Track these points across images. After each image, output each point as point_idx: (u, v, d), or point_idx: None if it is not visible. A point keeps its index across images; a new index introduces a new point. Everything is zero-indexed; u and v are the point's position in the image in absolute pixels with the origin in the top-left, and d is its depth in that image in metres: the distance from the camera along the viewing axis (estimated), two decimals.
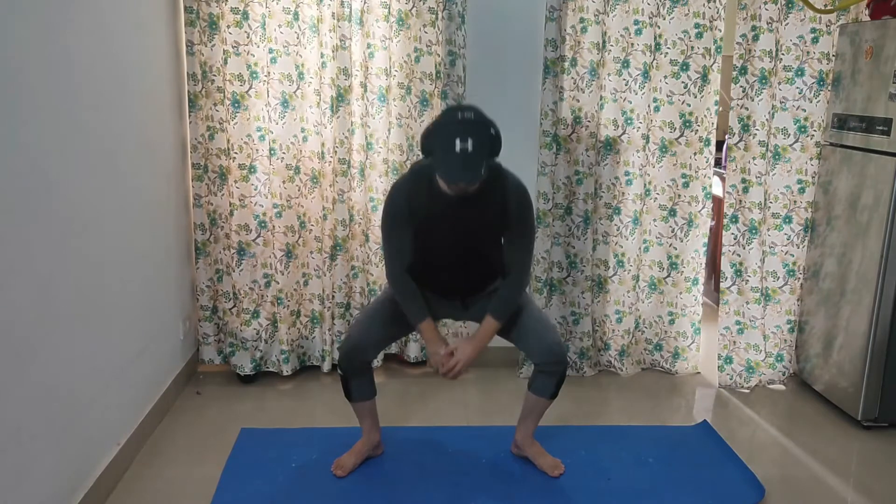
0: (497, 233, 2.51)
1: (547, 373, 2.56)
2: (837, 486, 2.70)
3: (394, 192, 2.46)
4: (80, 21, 2.32)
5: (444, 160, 2.22)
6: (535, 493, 2.57)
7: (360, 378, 2.59)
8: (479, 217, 2.43)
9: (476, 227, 2.46)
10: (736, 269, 3.49)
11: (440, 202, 2.39)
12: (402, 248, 2.47)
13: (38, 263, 2.05)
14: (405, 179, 2.47)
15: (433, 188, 2.39)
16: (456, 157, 2.19)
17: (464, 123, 2.23)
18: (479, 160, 2.22)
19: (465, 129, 2.21)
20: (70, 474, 2.25)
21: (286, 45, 3.18)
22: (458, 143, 2.19)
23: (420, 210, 2.42)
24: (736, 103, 3.38)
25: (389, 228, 2.47)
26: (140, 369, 2.82)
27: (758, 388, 3.54)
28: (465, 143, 2.19)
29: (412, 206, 2.42)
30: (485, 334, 2.53)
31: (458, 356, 2.50)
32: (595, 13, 3.27)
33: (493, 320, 2.52)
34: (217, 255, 3.40)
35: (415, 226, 2.44)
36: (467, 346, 2.52)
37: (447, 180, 2.26)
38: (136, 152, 2.77)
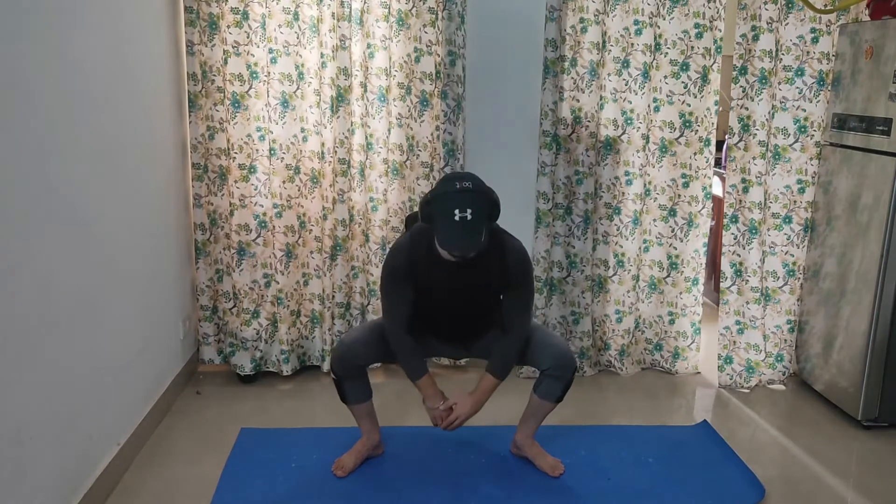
0: (496, 292, 2.53)
1: (554, 377, 2.56)
2: (837, 486, 2.70)
3: (394, 253, 2.47)
4: (81, 21, 2.32)
5: (444, 229, 2.24)
6: (535, 493, 2.57)
7: (353, 381, 2.59)
8: (479, 280, 2.45)
9: (475, 290, 2.48)
10: (736, 269, 3.49)
11: (440, 266, 2.40)
12: (401, 306, 2.48)
13: (38, 263, 2.05)
14: (406, 242, 2.48)
15: (433, 252, 2.40)
16: (455, 225, 2.21)
17: (462, 193, 2.25)
18: (478, 228, 2.23)
19: (464, 199, 2.22)
20: (70, 474, 2.25)
21: (286, 45, 3.18)
22: (458, 213, 2.20)
23: (420, 273, 2.43)
24: (736, 103, 3.38)
25: (389, 287, 2.48)
26: (140, 369, 2.82)
27: (758, 388, 3.54)
28: (464, 213, 2.20)
29: (412, 269, 2.43)
30: (485, 391, 2.54)
31: (458, 412, 2.52)
32: (595, 13, 3.27)
33: (493, 378, 2.53)
34: (217, 255, 3.40)
35: (415, 286, 2.46)
36: (467, 402, 2.53)
37: (448, 250, 2.27)
38: (136, 152, 2.77)
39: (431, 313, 2.55)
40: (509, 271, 2.45)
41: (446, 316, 2.58)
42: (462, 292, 2.47)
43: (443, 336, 2.65)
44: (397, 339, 2.51)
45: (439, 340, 2.66)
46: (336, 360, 2.55)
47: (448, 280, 2.44)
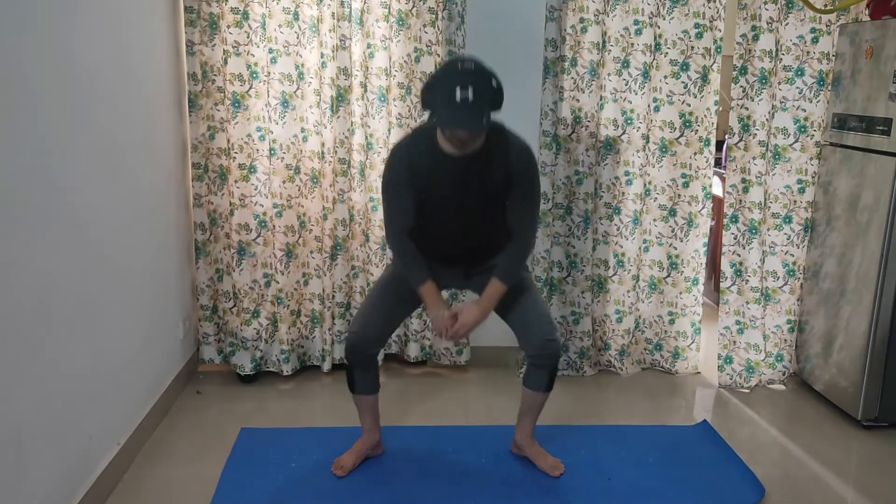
0: (501, 196, 2.44)
1: (538, 366, 2.55)
2: (837, 486, 2.70)
3: (394, 153, 2.41)
4: (81, 21, 2.32)
5: (445, 110, 2.18)
6: (535, 493, 2.57)
7: (365, 371, 2.58)
8: (483, 178, 2.37)
9: (479, 189, 2.40)
10: (736, 269, 3.49)
11: (442, 163, 2.34)
12: (402, 209, 2.42)
13: (38, 263, 2.05)
14: (406, 140, 2.42)
15: (435, 149, 2.34)
16: (457, 106, 2.15)
17: (464, 73, 2.19)
18: (480, 109, 2.17)
19: (466, 79, 2.17)
20: (70, 474, 2.25)
21: (286, 45, 3.18)
22: (459, 92, 2.14)
23: (421, 171, 2.36)
24: (736, 103, 3.38)
25: (390, 189, 2.42)
26: (140, 369, 2.82)
27: (758, 388, 3.54)
28: (465, 92, 2.15)
29: (413, 167, 2.36)
30: (490, 298, 2.48)
31: (462, 320, 2.47)
32: (595, 13, 3.27)
33: (500, 283, 2.47)
34: (217, 255, 3.40)
35: (416, 188, 2.38)
36: (472, 309, 2.48)
37: (448, 126, 2.21)
38: (136, 152, 2.77)
39: (433, 226, 2.47)
40: (514, 168, 2.38)
41: (448, 229, 2.49)
42: (465, 194, 2.40)
43: (444, 257, 2.55)
44: (399, 244, 2.46)
45: (440, 264, 2.55)
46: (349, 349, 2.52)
47: (451, 180, 2.37)
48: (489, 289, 2.49)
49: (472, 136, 2.24)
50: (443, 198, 2.42)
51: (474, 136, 2.25)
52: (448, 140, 2.28)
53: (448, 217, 2.46)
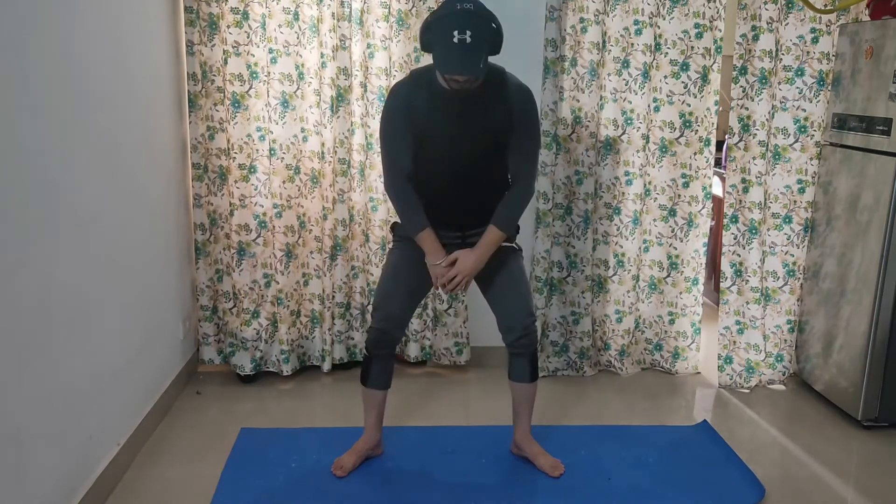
0: (500, 136, 2.41)
1: (518, 355, 2.56)
2: (837, 486, 2.70)
3: (392, 94, 2.39)
4: (81, 21, 2.32)
5: (442, 52, 2.17)
6: (535, 493, 2.57)
7: (382, 363, 2.59)
8: (482, 120, 2.35)
9: (478, 132, 2.37)
10: (736, 269, 3.49)
11: (441, 105, 2.33)
12: (401, 153, 2.39)
13: (38, 263, 2.05)
14: (404, 82, 2.40)
15: (434, 90, 2.33)
16: (454, 47, 2.14)
17: (462, 14, 2.16)
18: (478, 52, 2.16)
19: (464, 20, 2.15)
20: (70, 474, 2.25)
21: (286, 45, 3.18)
22: (457, 35, 2.13)
23: (420, 113, 2.34)
24: (736, 103, 3.38)
25: (388, 132, 2.39)
26: (140, 369, 2.82)
27: (758, 388, 3.54)
28: (463, 35, 2.13)
29: (412, 109, 2.34)
30: (487, 244, 2.45)
31: (459, 267, 2.45)
32: (595, 13, 3.27)
33: (497, 230, 2.45)
34: (217, 255, 3.40)
35: (415, 127, 2.36)
36: (469, 256, 2.45)
37: (445, 72, 2.19)
38: (136, 152, 2.77)
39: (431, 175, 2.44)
40: (514, 111, 2.36)
41: (446, 179, 2.45)
42: (464, 132, 2.37)
43: (442, 216, 2.50)
44: (398, 190, 2.44)
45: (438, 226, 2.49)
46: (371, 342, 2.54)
47: (450, 117, 2.35)
48: (486, 235, 2.46)
49: (469, 79, 2.22)
50: (441, 137, 2.38)
51: (471, 81, 2.23)
52: (446, 80, 2.26)
53: (447, 161, 2.43)
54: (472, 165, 2.45)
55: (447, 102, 2.33)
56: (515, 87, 2.39)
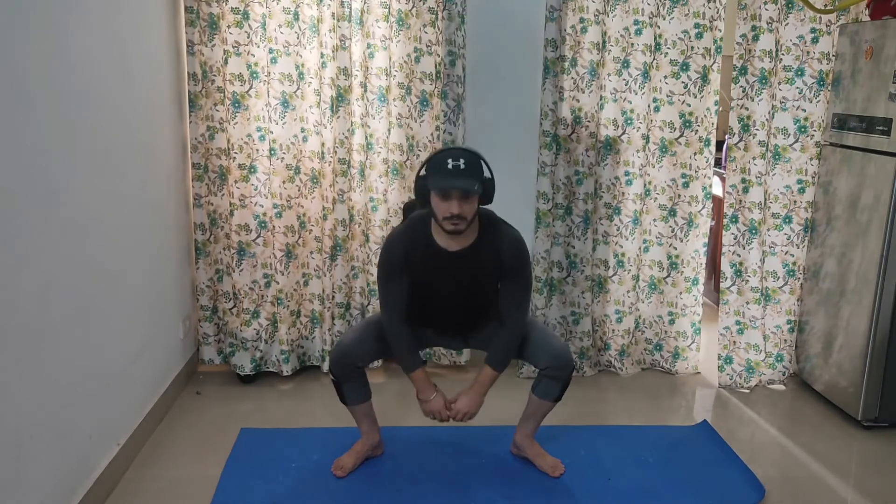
0: (493, 285, 2.52)
1: (552, 377, 2.55)
2: (837, 486, 2.70)
3: (390, 243, 2.47)
4: (81, 21, 2.32)
5: (438, 177, 2.25)
6: (535, 493, 2.57)
7: (352, 382, 2.58)
8: (476, 270, 2.44)
9: (472, 280, 2.47)
10: (736, 269, 3.49)
11: (436, 255, 2.41)
12: (397, 298, 2.48)
13: (38, 263, 2.05)
14: (401, 230, 2.47)
15: (429, 241, 2.41)
16: (449, 171, 2.24)
17: (455, 149, 2.32)
18: (471, 175, 2.25)
19: (457, 152, 2.28)
20: (70, 474, 2.25)
21: (286, 45, 3.18)
22: (451, 161, 2.25)
23: (416, 262, 2.43)
24: (736, 103, 3.38)
25: (385, 279, 2.48)
26: (140, 369, 2.82)
27: (758, 388, 3.54)
28: (457, 161, 2.25)
29: (408, 258, 2.43)
30: (483, 383, 2.54)
31: (459, 407, 2.53)
32: (595, 13, 3.27)
33: (492, 370, 2.53)
34: (217, 255, 3.40)
35: (411, 277, 2.45)
36: (466, 396, 2.54)
37: (439, 186, 2.25)
38: (136, 152, 2.77)
39: (428, 305, 2.54)
40: (505, 260, 2.43)
41: (443, 308, 2.57)
42: (459, 283, 2.46)
43: (440, 329, 2.65)
44: (393, 331, 2.51)
45: (437, 334, 2.66)
46: (334, 362, 2.55)
47: (444, 272, 2.43)
48: (481, 375, 2.54)
49: (463, 207, 2.26)
50: (437, 286, 2.49)
51: (466, 206, 2.27)
52: (441, 223, 2.31)
53: (443, 301, 2.54)
54: (467, 301, 2.56)
55: (442, 259, 2.42)
56: (507, 238, 2.45)
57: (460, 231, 2.32)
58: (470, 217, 2.31)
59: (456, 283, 2.46)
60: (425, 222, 2.42)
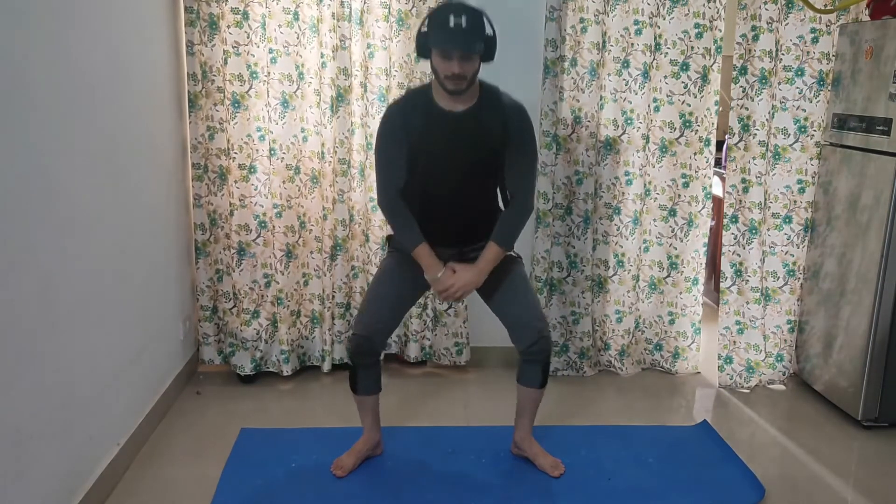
0: (495, 155, 2.44)
1: (530, 361, 2.55)
2: (837, 486, 2.70)
3: (389, 111, 2.41)
4: (81, 21, 2.32)
5: (438, 34, 2.21)
6: (535, 493, 2.57)
7: (368, 370, 2.58)
8: (477, 137, 2.38)
9: (474, 149, 2.40)
10: (736, 269, 3.49)
11: (436, 123, 2.35)
12: (396, 170, 2.40)
13: (38, 263, 2.05)
14: (401, 99, 2.43)
15: (430, 104, 2.35)
16: (450, 30, 2.19)
17: (458, 4, 2.25)
18: (473, 35, 2.21)
19: (459, 8, 2.22)
20: (70, 474, 2.25)
21: (286, 45, 3.18)
22: (453, 18, 2.19)
23: (416, 127, 2.36)
24: (736, 103, 3.38)
25: (383, 148, 2.41)
26: (140, 369, 2.82)
27: (758, 388, 3.54)
28: (458, 19, 2.20)
29: (407, 126, 2.36)
30: (487, 261, 2.46)
31: (457, 279, 2.45)
32: (595, 13, 3.27)
33: (497, 246, 2.47)
34: (217, 255, 3.40)
35: (410, 148, 2.38)
36: (468, 270, 2.46)
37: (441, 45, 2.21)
38: (136, 152, 2.77)
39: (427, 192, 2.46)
40: (509, 127, 2.38)
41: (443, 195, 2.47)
42: (459, 151, 2.39)
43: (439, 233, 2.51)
44: (392, 206, 2.45)
45: (435, 238, 2.51)
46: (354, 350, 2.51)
47: (445, 136, 2.37)
48: (486, 252, 2.47)
49: (465, 65, 2.23)
50: (436, 155, 2.40)
51: (467, 64, 2.24)
52: (442, 81, 2.27)
53: (442, 181, 2.45)
54: (468, 182, 2.47)
55: (442, 120, 2.36)
56: (510, 104, 2.42)
57: (461, 90, 2.28)
58: (471, 76, 2.27)
59: (456, 154, 2.39)
60: (425, 89, 2.38)
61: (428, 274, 2.48)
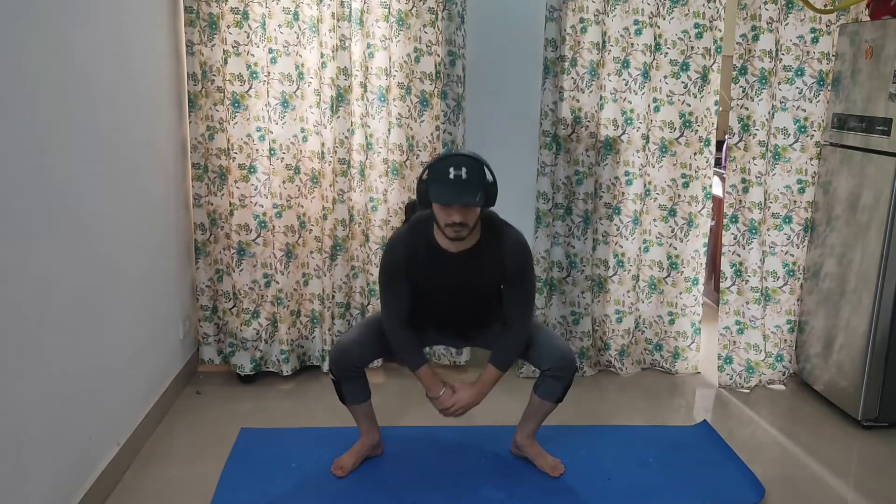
0: (495, 287, 2.52)
1: (555, 377, 2.55)
2: (837, 486, 2.70)
3: (392, 246, 2.46)
4: (80, 21, 2.32)
5: (438, 188, 2.23)
6: (535, 493, 2.57)
7: (351, 382, 2.58)
8: (478, 272, 2.44)
9: (474, 283, 2.47)
10: (736, 269, 3.49)
11: (438, 258, 2.40)
12: (399, 301, 2.48)
13: (38, 263, 2.05)
14: (403, 233, 2.46)
15: (431, 243, 2.40)
16: (449, 182, 2.22)
17: (457, 156, 2.30)
18: (473, 185, 2.23)
19: (459, 160, 2.25)
20: (70, 474, 2.25)
21: (286, 45, 3.18)
22: (452, 171, 2.22)
23: (418, 266, 2.42)
24: (736, 103, 3.38)
25: (387, 282, 2.47)
26: (140, 369, 2.82)
27: (758, 388, 3.54)
28: (458, 171, 2.22)
29: (410, 262, 2.42)
30: (486, 382, 2.54)
31: (457, 398, 2.52)
32: (595, 13, 3.27)
33: (495, 370, 2.53)
34: (217, 255, 3.40)
35: (412, 278, 2.45)
36: (468, 391, 2.54)
37: (441, 201, 2.24)
38: (136, 152, 2.77)
39: (430, 307, 2.54)
40: (508, 263, 2.43)
41: (446, 310, 2.57)
42: (461, 286, 2.46)
43: (442, 329, 2.65)
44: (395, 333, 2.51)
45: (439, 334, 2.66)
46: (333, 362, 2.55)
47: (446, 275, 2.43)
48: (485, 374, 2.54)
49: (465, 215, 2.26)
50: (439, 289, 2.49)
51: (468, 215, 2.27)
52: (443, 228, 2.31)
53: (444, 303, 2.54)
54: (470, 303, 2.56)
55: (444, 261, 2.41)
56: (510, 242, 2.44)
57: (462, 238, 2.32)
58: (472, 224, 2.30)
59: (458, 286, 2.46)
60: (427, 223, 2.41)
61: (429, 393, 2.56)
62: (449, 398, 2.53)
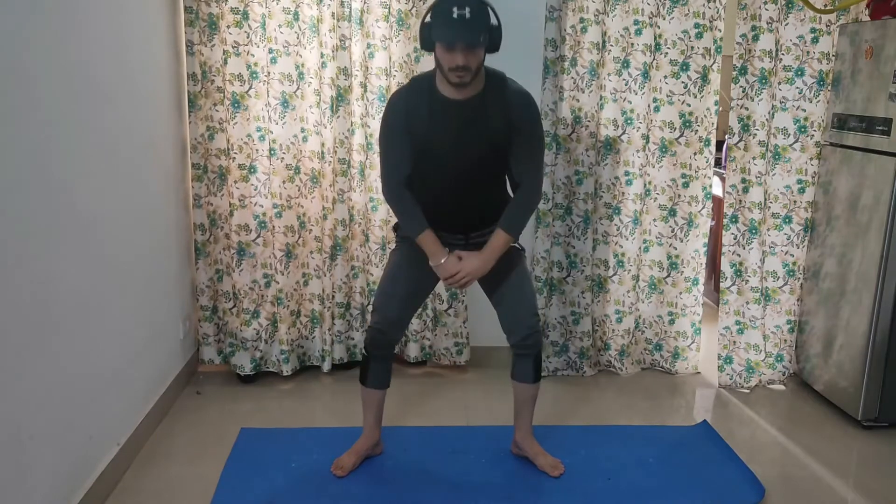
0: (500, 144, 2.41)
1: (522, 356, 2.56)
2: (837, 486, 2.70)
3: (392, 101, 2.40)
4: (80, 21, 2.32)
5: (441, 27, 2.18)
6: (535, 493, 2.57)
7: (380, 363, 2.59)
8: (482, 126, 2.36)
9: (478, 135, 2.37)
10: (736, 269, 3.49)
11: (441, 108, 2.33)
12: (400, 158, 2.39)
13: (38, 263, 2.05)
14: (404, 88, 2.41)
15: (434, 94, 2.33)
16: (453, 21, 2.16)
17: None
18: (476, 27, 2.18)
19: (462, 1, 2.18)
20: (70, 474, 2.25)
21: (286, 45, 3.18)
22: (456, 10, 2.17)
23: (420, 116, 2.35)
24: (736, 103, 3.38)
25: (387, 138, 2.40)
26: (140, 369, 2.82)
27: (758, 388, 3.54)
28: (462, 10, 2.17)
29: (411, 116, 2.35)
30: (494, 248, 2.45)
31: (464, 265, 2.43)
32: (595, 13, 3.27)
33: (504, 234, 2.45)
34: (217, 255, 3.40)
35: (414, 134, 2.37)
36: (475, 257, 2.44)
37: (443, 40, 2.19)
38: (136, 152, 2.77)
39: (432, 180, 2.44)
40: (513, 115, 2.36)
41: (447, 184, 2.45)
42: (464, 141, 2.37)
43: (443, 216, 2.50)
44: (396, 195, 2.44)
45: (439, 229, 2.50)
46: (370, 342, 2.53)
47: (449, 125, 2.35)
48: (493, 239, 2.46)
49: (468, 58, 2.21)
50: (441, 145, 2.38)
51: (471, 58, 2.22)
52: (447, 74, 2.26)
53: (446, 168, 2.43)
54: (473, 170, 2.45)
55: (447, 109, 2.34)
56: (515, 92, 2.40)
57: (466, 83, 2.26)
58: (475, 67, 2.25)
59: (461, 139, 2.36)
60: (429, 77, 2.36)
61: (432, 260, 2.46)
62: (454, 265, 2.43)
